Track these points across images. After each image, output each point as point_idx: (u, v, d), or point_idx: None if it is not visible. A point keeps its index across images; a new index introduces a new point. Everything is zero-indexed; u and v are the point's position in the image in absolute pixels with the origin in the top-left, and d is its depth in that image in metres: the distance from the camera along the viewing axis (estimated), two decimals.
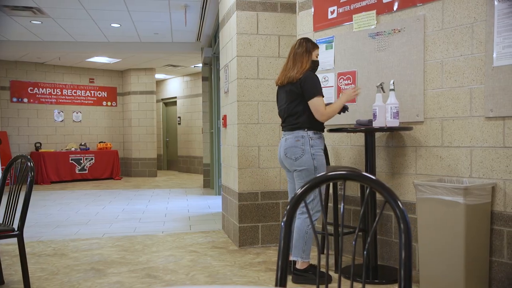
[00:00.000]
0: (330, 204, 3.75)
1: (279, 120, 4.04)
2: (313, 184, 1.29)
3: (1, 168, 7.77)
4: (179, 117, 12.59)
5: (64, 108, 10.64)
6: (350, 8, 3.56)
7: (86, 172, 10.24)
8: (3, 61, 9.78)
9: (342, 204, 1.40)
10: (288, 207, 1.25)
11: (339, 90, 3.69)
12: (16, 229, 2.83)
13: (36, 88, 10.24)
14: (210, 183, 8.49)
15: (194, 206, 6.41)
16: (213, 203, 6.64)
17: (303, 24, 3.98)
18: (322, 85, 4.01)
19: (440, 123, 3.04)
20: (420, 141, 3.16)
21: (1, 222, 2.88)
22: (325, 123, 4.15)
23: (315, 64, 3.04)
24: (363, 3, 3.45)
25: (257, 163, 4.00)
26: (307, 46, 2.99)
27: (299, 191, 1.27)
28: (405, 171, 3.27)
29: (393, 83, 3.05)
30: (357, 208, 3.64)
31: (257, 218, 4.00)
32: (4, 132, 9.19)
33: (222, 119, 4.63)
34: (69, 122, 10.73)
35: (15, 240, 2.93)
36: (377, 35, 3.37)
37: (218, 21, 5.97)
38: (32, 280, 2.98)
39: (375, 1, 3.37)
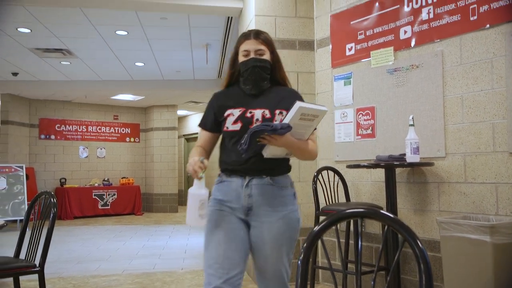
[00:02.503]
0: (351, 241, 3.67)
1: (296, 159, 4.04)
2: (331, 222, 1.27)
3: (28, 204, 7.93)
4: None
5: (89, 144, 10.89)
6: (367, 45, 3.60)
7: (109, 207, 10.34)
8: (33, 100, 10.16)
9: (360, 243, 1.38)
10: (305, 245, 1.24)
11: (358, 126, 3.69)
12: (37, 265, 2.85)
13: (63, 125, 10.55)
14: None
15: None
16: None
17: (321, 61, 4.04)
18: (341, 120, 4.06)
19: (462, 158, 2.98)
20: (442, 177, 3.10)
21: (24, 258, 2.92)
22: (341, 159, 4.05)
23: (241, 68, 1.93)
24: (381, 40, 3.49)
25: None
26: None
27: (316, 228, 1.25)
28: (427, 208, 3.19)
29: (412, 118, 3.04)
30: (379, 246, 3.55)
31: None
32: (31, 168, 9.43)
33: None
34: (93, 158, 10.95)
35: (36, 276, 2.96)
36: (395, 71, 3.39)
37: None
38: None
39: (393, 38, 3.41)
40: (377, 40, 3.52)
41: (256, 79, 1.88)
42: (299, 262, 1.22)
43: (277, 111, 1.86)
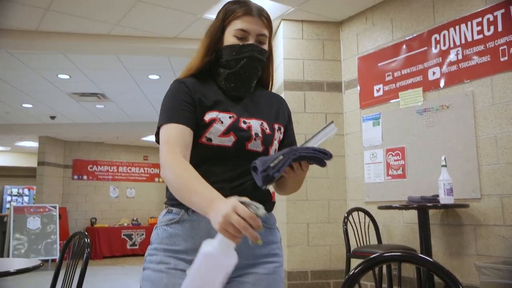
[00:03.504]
0: (384, 286, 3.55)
1: (328, 197, 4.02)
2: (369, 265, 1.26)
3: (59, 244, 8.06)
4: None
5: (119, 184, 11.10)
6: (395, 86, 3.63)
7: (137, 247, 10.38)
8: (68, 142, 10.53)
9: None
10: None
11: (388, 166, 3.66)
12: None
13: (95, 166, 10.84)
14: None
15: None
16: None
17: (350, 102, 4.08)
18: (370, 161, 4.04)
19: (499, 200, 2.90)
20: (478, 219, 3.01)
21: None
22: (371, 199, 3.96)
23: (226, 53, 1.36)
24: (409, 81, 3.52)
25: (306, 240, 3.92)
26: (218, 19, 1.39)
27: (353, 271, 1.23)
28: (464, 252, 3.08)
29: (445, 159, 3.00)
30: None
31: None
32: (64, 208, 9.64)
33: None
34: (123, 197, 11.13)
35: None
36: (425, 111, 3.39)
37: None
38: None
39: (421, 79, 3.43)
40: (405, 81, 3.54)
41: (250, 76, 1.35)
42: None
43: (276, 126, 1.40)
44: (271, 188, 1.39)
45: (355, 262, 3.56)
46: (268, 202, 1.36)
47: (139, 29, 4.45)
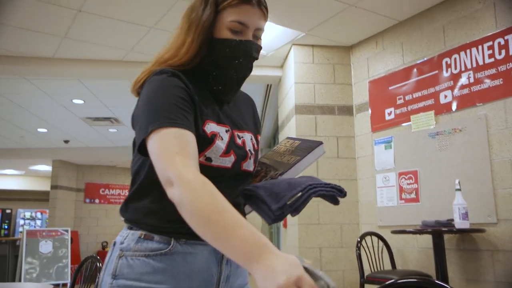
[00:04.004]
0: None
1: (341, 220, 3.98)
2: None
3: (71, 268, 8.06)
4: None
5: None
6: (407, 109, 3.62)
7: None
8: (81, 166, 10.64)
9: None
10: None
11: (401, 190, 3.62)
12: None
13: (107, 189, 10.90)
14: None
15: None
16: None
17: (361, 125, 4.07)
18: (383, 184, 4.01)
19: None
20: (496, 245, 2.95)
21: None
22: (384, 223, 3.91)
23: (220, 49, 1.09)
24: (420, 105, 3.51)
25: (319, 265, 3.87)
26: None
27: None
28: (482, 278, 3.01)
29: (459, 182, 2.96)
30: None
31: None
32: (75, 232, 9.66)
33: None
34: None
35: None
36: (437, 134, 3.37)
37: (277, 124, 6.25)
38: None
39: (433, 102, 3.42)
40: (417, 104, 3.54)
41: (243, 79, 1.13)
42: None
43: (259, 138, 1.22)
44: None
45: None
46: None
47: (151, 55, 4.53)
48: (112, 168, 11.06)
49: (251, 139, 1.15)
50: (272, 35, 4.01)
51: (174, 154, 0.90)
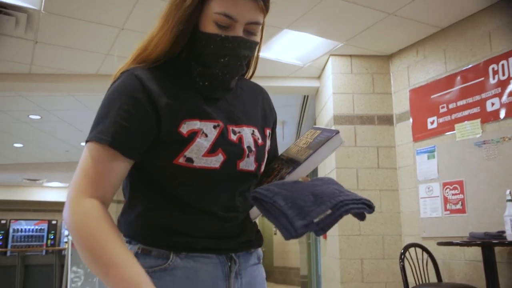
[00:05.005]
0: None
1: (382, 231, 3.91)
2: None
3: None
4: (276, 228, 12.61)
5: None
6: (451, 118, 3.54)
7: None
8: None
9: None
10: None
11: (446, 201, 3.52)
12: None
13: None
14: None
15: None
16: None
17: (402, 135, 4.00)
18: (426, 195, 3.90)
19: None
20: None
21: None
22: (428, 235, 3.80)
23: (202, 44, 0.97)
24: (465, 113, 3.42)
25: (361, 277, 3.80)
26: None
27: None
28: None
29: (510, 192, 2.86)
30: None
31: None
32: None
33: None
34: None
35: None
36: (484, 143, 3.27)
37: None
38: None
39: (479, 110, 3.33)
40: (462, 113, 3.45)
41: (232, 78, 1.00)
42: None
43: (267, 132, 1.09)
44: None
45: None
46: (260, 239, 1.07)
47: None
48: None
49: (253, 133, 1.01)
50: (310, 46, 4.02)
51: (83, 176, 0.86)
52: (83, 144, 5.41)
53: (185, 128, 0.92)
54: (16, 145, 7.99)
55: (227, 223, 0.96)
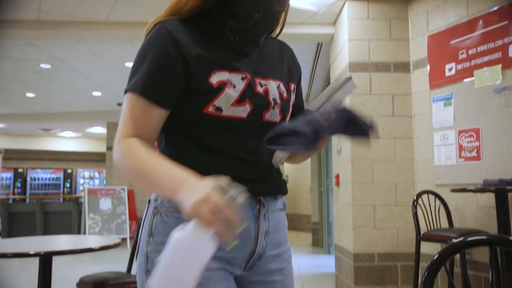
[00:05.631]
0: (456, 269, 3.46)
1: (396, 179, 3.95)
2: (454, 250, 1.24)
3: (129, 223, 8.53)
4: (287, 176, 12.80)
5: None
6: (470, 64, 3.45)
7: None
8: None
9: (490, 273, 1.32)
10: (426, 274, 1.20)
11: (460, 148, 3.52)
12: None
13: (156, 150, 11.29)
14: (319, 242, 8.34)
15: (304, 265, 6.32)
16: (324, 263, 6.49)
17: (418, 82, 3.94)
18: (441, 143, 3.89)
19: None
20: None
21: (135, 274, 3.15)
22: (442, 182, 3.80)
23: None
24: (485, 59, 3.34)
25: (373, 223, 3.89)
26: None
27: (436, 257, 1.20)
28: None
29: None
30: (487, 275, 3.30)
31: (374, 281, 3.82)
32: (131, 191, 10.16)
33: (335, 178, 4.64)
34: None
35: None
36: (504, 90, 3.21)
37: (327, 83, 6.15)
38: None
39: (499, 56, 3.24)
40: (482, 58, 3.36)
41: (263, 33, 1.05)
42: None
43: (292, 87, 1.13)
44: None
45: (424, 246, 3.49)
46: (285, 187, 1.13)
47: None
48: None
49: (278, 87, 1.07)
50: None
51: (123, 124, 0.97)
52: (94, 93, 5.46)
53: (215, 78, 0.97)
54: (28, 94, 8.04)
55: (254, 166, 1.03)
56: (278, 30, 1.16)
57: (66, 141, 13.64)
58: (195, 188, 0.81)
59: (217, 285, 0.97)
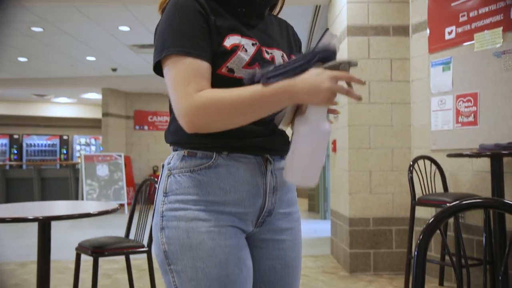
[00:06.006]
0: (450, 233, 3.52)
1: (392, 145, 3.95)
2: (450, 212, 1.25)
3: (126, 189, 8.59)
4: None
5: None
6: (470, 27, 3.39)
7: None
8: (129, 93, 10.92)
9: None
10: (422, 236, 1.21)
11: (458, 113, 3.51)
12: (145, 245, 3.11)
13: (155, 116, 11.23)
14: (315, 207, 8.46)
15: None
16: (319, 227, 6.60)
17: (417, 46, 3.88)
18: (438, 108, 3.87)
19: None
20: None
21: (133, 239, 3.20)
22: (438, 147, 3.81)
23: None
24: (486, 21, 3.27)
25: (369, 188, 3.92)
26: None
27: (431, 220, 1.21)
28: None
29: None
30: (479, 238, 3.36)
31: (369, 245, 3.89)
32: (128, 157, 10.17)
33: (332, 143, 4.64)
34: None
35: (141, 255, 3.22)
36: (504, 53, 3.16)
37: None
38: None
39: (501, 18, 3.17)
40: (483, 21, 3.30)
41: (267, 4, 1.14)
42: (415, 251, 1.20)
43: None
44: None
45: (419, 210, 3.54)
46: (288, 144, 1.11)
47: None
48: (160, 96, 11.29)
49: (282, 56, 1.14)
50: None
51: (186, 85, 0.97)
52: (88, 58, 5.36)
53: (229, 42, 1.04)
54: (20, 59, 7.90)
55: (261, 124, 1.06)
56: (278, 9, 1.24)
57: (61, 107, 13.54)
58: (311, 82, 0.93)
59: (228, 241, 1.02)
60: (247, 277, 1.04)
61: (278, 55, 1.12)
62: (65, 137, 14.06)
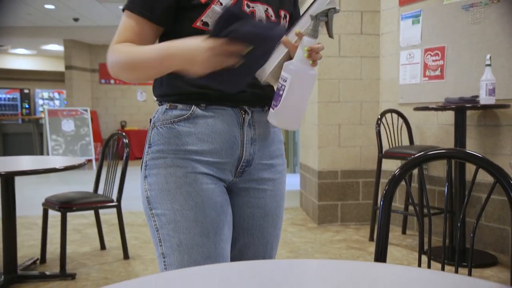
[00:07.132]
0: (414, 184, 3.65)
1: (361, 98, 3.99)
2: (415, 163, 1.28)
3: (94, 145, 8.42)
4: None
5: (146, 88, 11.19)
6: None
7: None
8: (93, 46, 10.46)
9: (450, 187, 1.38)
10: (387, 187, 1.23)
11: (425, 67, 3.54)
12: (115, 200, 3.10)
13: None
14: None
15: None
16: (289, 181, 6.61)
17: None
18: (406, 62, 3.90)
19: None
20: None
21: (102, 194, 3.17)
22: (405, 101, 3.85)
23: None
24: None
25: (338, 141, 3.98)
26: None
27: (397, 171, 1.24)
28: (498, 152, 3.09)
29: (490, 58, 2.87)
30: (441, 189, 3.51)
31: (337, 197, 4.00)
32: (94, 111, 9.90)
33: None
34: (151, 101, 11.29)
35: (110, 210, 3.21)
36: (472, 6, 3.17)
37: None
38: (128, 247, 3.24)
39: None
40: None
41: None
42: (381, 201, 1.23)
43: (282, 13, 1.16)
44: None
45: (386, 163, 3.64)
46: (272, 97, 1.09)
47: None
48: None
49: (266, 10, 1.10)
50: None
51: (117, 36, 1.04)
52: (47, 6, 5.07)
53: None
54: None
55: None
56: None
57: (20, 59, 12.87)
58: (191, 52, 0.93)
59: (205, 186, 1.07)
60: (224, 222, 1.08)
61: (260, 9, 1.09)
62: (26, 91, 13.48)
